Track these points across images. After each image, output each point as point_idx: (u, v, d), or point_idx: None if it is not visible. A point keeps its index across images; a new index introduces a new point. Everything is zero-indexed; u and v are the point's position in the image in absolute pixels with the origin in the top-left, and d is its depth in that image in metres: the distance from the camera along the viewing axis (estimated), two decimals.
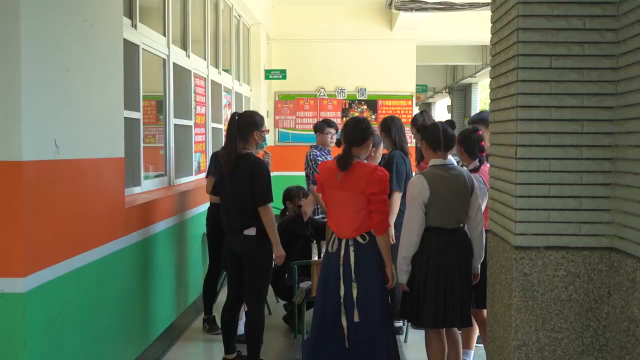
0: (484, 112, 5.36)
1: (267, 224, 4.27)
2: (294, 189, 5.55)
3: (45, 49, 3.05)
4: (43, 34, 3.02)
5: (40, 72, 2.99)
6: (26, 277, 2.87)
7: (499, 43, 3.07)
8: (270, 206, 4.27)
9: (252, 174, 4.25)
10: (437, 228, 3.90)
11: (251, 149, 4.41)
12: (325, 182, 4.00)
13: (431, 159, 4.05)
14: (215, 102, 7.70)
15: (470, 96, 20.59)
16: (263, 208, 4.26)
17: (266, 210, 4.26)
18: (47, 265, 3.06)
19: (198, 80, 6.84)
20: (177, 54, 5.99)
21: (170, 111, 5.73)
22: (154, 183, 5.33)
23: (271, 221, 4.28)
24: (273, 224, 4.29)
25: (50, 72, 3.10)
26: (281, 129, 12.09)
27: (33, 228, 2.94)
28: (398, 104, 12.18)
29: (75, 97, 3.37)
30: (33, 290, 2.92)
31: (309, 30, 11.85)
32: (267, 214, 4.26)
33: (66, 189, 3.28)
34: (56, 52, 3.16)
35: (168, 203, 5.18)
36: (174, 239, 5.32)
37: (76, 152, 3.37)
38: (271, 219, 4.28)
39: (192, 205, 5.84)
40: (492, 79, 3.24)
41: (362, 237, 3.91)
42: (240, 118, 4.40)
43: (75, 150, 3.37)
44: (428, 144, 4.05)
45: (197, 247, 5.92)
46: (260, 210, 4.25)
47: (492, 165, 3.23)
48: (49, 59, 3.08)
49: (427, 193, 3.87)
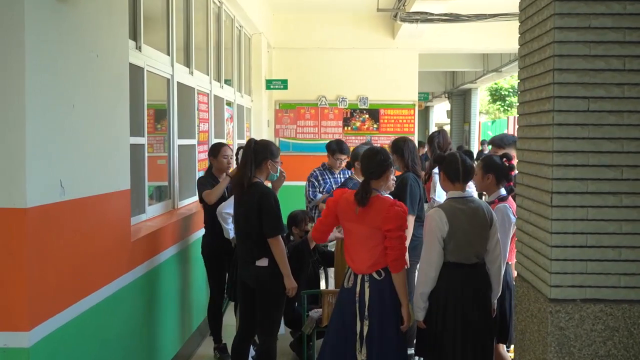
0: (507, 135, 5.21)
1: (277, 255, 4.13)
2: (300, 213, 5.37)
3: (50, 86, 2.88)
4: (48, 70, 2.85)
5: (45, 110, 2.82)
6: (31, 331, 2.70)
7: (530, 80, 2.91)
8: (281, 238, 4.12)
9: (260, 203, 4.10)
10: (455, 263, 3.76)
11: (261, 178, 4.26)
12: (343, 215, 3.84)
13: (449, 191, 3.89)
14: (217, 117, 7.53)
15: (470, 101, 20.44)
16: (273, 240, 4.11)
17: (276, 242, 4.10)
18: (51, 315, 2.89)
19: (201, 96, 6.67)
20: (181, 72, 5.82)
21: (174, 132, 5.56)
22: (158, 208, 5.16)
23: (282, 253, 4.12)
24: (284, 256, 4.14)
25: (55, 110, 2.93)
26: (282, 138, 11.92)
27: (37, 277, 2.77)
28: (400, 113, 12.03)
29: (81, 132, 3.20)
30: (38, 344, 2.75)
31: (310, 39, 11.69)
32: (278, 246, 4.11)
33: (71, 231, 3.11)
34: (61, 88, 2.99)
35: (172, 229, 5.01)
36: (178, 265, 5.15)
37: (82, 191, 3.21)
38: (281, 251, 4.12)
39: (195, 228, 5.67)
40: (520, 115, 3.08)
41: (377, 273, 3.75)
42: (256, 145, 4.26)
43: (81, 189, 3.20)
44: (446, 175, 3.89)
45: (201, 270, 5.74)
46: (271, 242, 4.10)
47: (521, 206, 3.07)
48: (54, 95, 2.91)
49: (446, 228, 3.72)
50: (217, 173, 5.32)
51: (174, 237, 5.04)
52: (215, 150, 5.35)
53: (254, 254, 4.16)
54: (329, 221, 3.94)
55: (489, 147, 6.26)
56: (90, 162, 3.32)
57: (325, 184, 6.34)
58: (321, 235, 4.04)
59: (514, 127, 19.64)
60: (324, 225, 3.99)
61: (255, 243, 4.14)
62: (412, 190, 5.12)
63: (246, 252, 4.22)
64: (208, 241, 5.30)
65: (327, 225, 3.97)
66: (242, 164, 4.28)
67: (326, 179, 6.35)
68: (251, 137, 4.41)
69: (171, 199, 5.51)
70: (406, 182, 5.13)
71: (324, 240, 4.08)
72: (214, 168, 5.38)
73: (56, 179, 2.92)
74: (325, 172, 6.37)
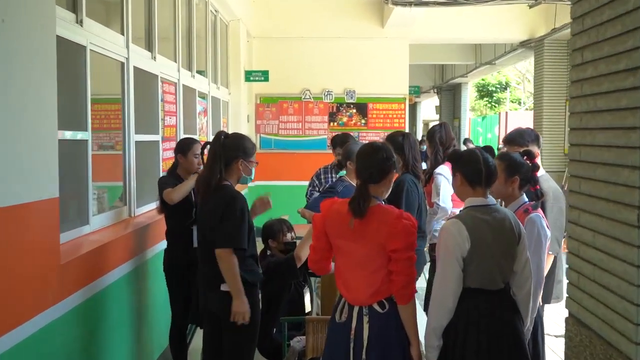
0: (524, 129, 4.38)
1: (224, 271, 3.30)
2: (276, 223, 4.46)
3: None
4: None
5: None
6: None
7: (595, 47, 2.08)
8: (233, 254, 3.27)
9: (224, 210, 3.27)
10: (477, 290, 2.94)
11: (231, 181, 3.42)
12: (334, 230, 3.00)
13: (468, 198, 3.06)
14: (188, 110, 6.66)
15: (460, 96, 19.68)
16: (222, 252, 3.28)
17: (225, 255, 3.27)
18: None
19: (167, 86, 5.79)
20: (139, 56, 4.94)
21: (130, 125, 4.68)
22: (107, 217, 4.28)
23: (229, 269, 3.28)
24: (231, 271, 3.28)
25: None
26: (263, 134, 11.05)
27: None
28: (390, 108, 11.21)
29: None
30: None
31: (293, 28, 10.81)
32: (226, 260, 3.28)
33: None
34: None
35: (126, 242, 4.15)
36: (133, 285, 4.29)
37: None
38: (230, 266, 3.28)
39: (158, 239, 4.79)
40: (574, 98, 2.26)
41: (380, 304, 2.92)
42: (226, 140, 3.42)
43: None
44: (465, 177, 3.06)
45: (163, 290, 4.86)
46: (218, 254, 3.27)
47: (576, 223, 2.24)
48: None
49: (467, 245, 2.90)
50: (184, 174, 4.47)
51: (128, 252, 4.18)
52: (185, 147, 4.50)
53: (219, 275, 3.32)
54: (323, 245, 3.07)
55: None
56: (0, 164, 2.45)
57: (326, 183, 5.51)
58: (320, 266, 3.15)
59: (506, 123, 18.89)
60: (318, 252, 3.11)
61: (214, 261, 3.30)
62: (408, 195, 4.30)
63: (210, 272, 3.38)
64: (171, 254, 4.46)
65: (323, 251, 3.09)
66: (209, 162, 3.45)
67: (328, 178, 5.52)
68: (221, 130, 3.55)
69: (126, 206, 4.63)
70: (403, 185, 4.29)
71: (328, 270, 3.19)
72: (179, 167, 4.53)
73: None
74: (331, 171, 5.55)
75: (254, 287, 3.44)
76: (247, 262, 3.36)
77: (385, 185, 3.01)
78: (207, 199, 3.40)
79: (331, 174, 5.60)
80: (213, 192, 3.36)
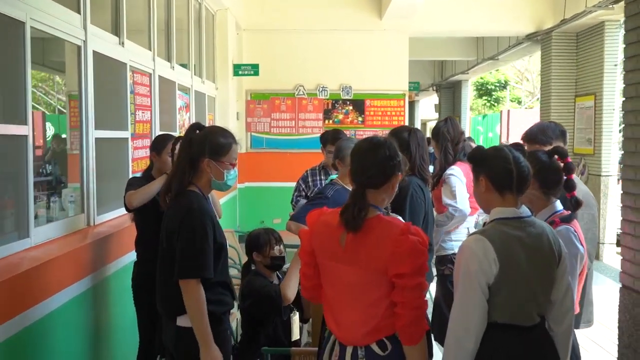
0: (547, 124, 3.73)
1: (187, 306, 2.61)
2: (262, 233, 3.76)
3: None
4: None
5: None
6: None
7: None
8: (199, 285, 2.60)
9: (179, 228, 2.62)
10: (507, 326, 2.31)
11: (199, 185, 2.76)
12: (321, 249, 2.36)
13: (495, 208, 2.42)
14: (166, 105, 6.00)
15: (460, 94, 18.98)
16: (184, 283, 2.60)
17: (189, 288, 2.59)
18: None
19: (139, 76, 5.13)
20: (101, 40, 4.28)
21: (89, 119, 4.02)
22: (56, 228, 3.61)
23: (193, 305, 2.60)
24: (197, 309, 2.60)
25: None
26: (254, 133, 10.39)
27: None
28: (388, 105, 10.57)
29: None
30: None
31: (286, 19, 10.14)
32: (190, 294, 2.59)
33: None
34: None
35: (79, 257, 3.49)
36: (88, 308, 3.63)
37: None
38: (194, 302, 2.60)
39: (123, 251, 4.14)
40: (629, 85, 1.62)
41: (380, 345, 2.28)
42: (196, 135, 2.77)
43: None
44: (491, 181, 2.42)
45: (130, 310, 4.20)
46: (182, 286, 2.60)
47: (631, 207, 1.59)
48: None
49: (495, 269, 2.27)
50: (158, 175, 3.85)
51: (83, 268, 3.52)
52: (159, 145, 3.88)
53: (174, 304, 2.65)
54: (314, 270, 2.43)
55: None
56: None
57: (315, 187, 4.86)
58: (315, 294, 2.49)
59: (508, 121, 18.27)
60: (310, 279, 2.47)
61: (176, 287, 2.64)
62: (413, 201, 3.65)
63: (166, 299, 2.72)
64: (140, 267, 3.83)
65: (315, 277, 2.44)
66: (176, 161, 2.80)
67: (316, 181, 4.87)
68: (196, 122, 2.89)
69: (84, 213, 3.97)
70: (407, 191, 3.64)
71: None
72: (154, 169, 3.92)
73: None
74: (319, 172, 4.90)
75: (222, 319, 2.77)
76: (214, 291, 2.70)
77: (388, 192, 2.36)
78: (169, 208, 2.76)
79: (320, 177, 4.95)
80: (174, 199, 2.72)
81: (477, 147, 2.61)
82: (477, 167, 2.49)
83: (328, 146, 4.75)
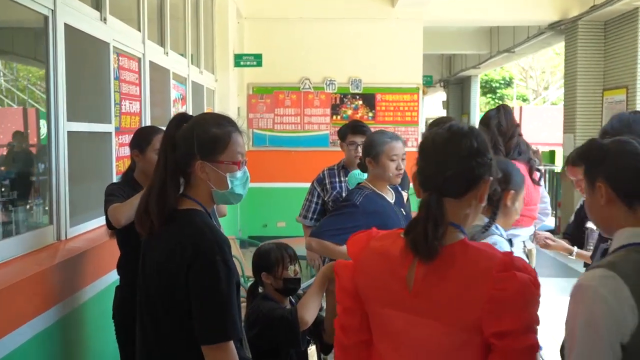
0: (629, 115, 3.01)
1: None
2: (274, 250, 2.94)
3: None
4: None
5: None
6: None
7: None
8: (229, 346, 1.84)
9: (192, 264, 1.84)
10: None
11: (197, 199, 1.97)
12: (372, 291, 1.60)
13: (622, 229, 1.66)
14: (158, 95, 5.25)
15: (469, 90, 18.25)
16: (211, 350, 1.84)
17: (221, 354, 1.82)
18: None
19: (125, 60, 4.37)
20: (75, 12, 3.51)
21: (58, 108, 3.25)
22: (16, 244, 2.84)
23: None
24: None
25: None
26: (256, 130, 9.72)
27: None
28: (401, 99, 9.89)
29: None
30: None
31: (290, 7, 9.44)
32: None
33: None
34: None
35: (43, 282, 2.73)
36: (56, 345, 2.87)
37: None
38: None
39: (103, 271, 3.39)
40: None
41: None
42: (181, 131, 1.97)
43: None
44: (614, 189, 1.66)
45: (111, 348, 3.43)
46: (207, 354, 1.83)
47: None
48: None
49: (634, 320, 1.51)
50: (143, 179, 3.10)
51: (49, 296, 2.77)
52: (143, 141, 3.12)
53: None
54: (359, 321, 1.65)
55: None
56: None
57: (334, 190, 4.08)
58: (356, 355, 1.67)
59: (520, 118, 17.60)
60: (352, 334, 1.68)
61: (162, 341, 1.88)
62: None
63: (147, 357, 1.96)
64: (124, 291, 3.08)
65: (360, 332, 1.66)
66: (155, 172, 2.00)
67: (335, 183, 4.10)
68: (181, 112, 2.12)
69: (53, 225, 3.21)
70: None
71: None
72: (137, 170, 3.17)
73: None
74: (338, 172, 4.13)
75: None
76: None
77: (473, 205, 1.60)
78: (157, 235, 1.96)
79: (340, 177, 4.18)
80: (168, 224, 1.93)
81: (592, 140, 1.85)
82: (592, 168, 1.73)
83: (349, 137, 3.98)
